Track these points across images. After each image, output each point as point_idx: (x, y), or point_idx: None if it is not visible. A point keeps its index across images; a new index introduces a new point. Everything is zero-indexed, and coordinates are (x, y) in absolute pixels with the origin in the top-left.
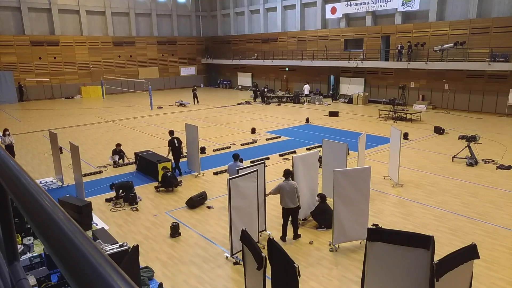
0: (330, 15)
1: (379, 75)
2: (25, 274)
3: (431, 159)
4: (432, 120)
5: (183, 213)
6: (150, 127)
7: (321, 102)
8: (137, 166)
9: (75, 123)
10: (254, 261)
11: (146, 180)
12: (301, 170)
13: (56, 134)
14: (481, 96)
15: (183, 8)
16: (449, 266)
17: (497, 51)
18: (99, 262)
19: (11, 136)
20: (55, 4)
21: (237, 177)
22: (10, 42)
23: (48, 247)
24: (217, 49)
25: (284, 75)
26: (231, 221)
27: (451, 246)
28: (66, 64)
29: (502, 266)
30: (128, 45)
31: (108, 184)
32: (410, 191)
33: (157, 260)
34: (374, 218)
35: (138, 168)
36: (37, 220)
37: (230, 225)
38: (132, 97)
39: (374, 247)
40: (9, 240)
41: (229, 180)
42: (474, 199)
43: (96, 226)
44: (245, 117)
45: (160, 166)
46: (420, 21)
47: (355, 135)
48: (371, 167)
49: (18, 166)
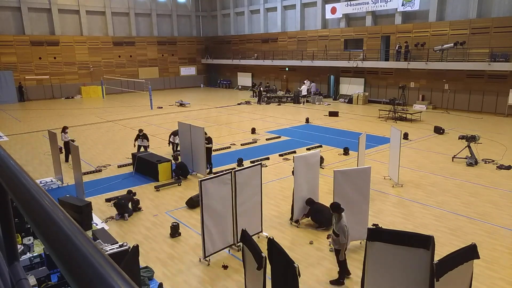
0: (330, 15)
1: (379, 75)
2: (25, 274)
3: (431, 159)
4: (432, 120)
5: (183, 213)
6: (150, 127)
7: (321, 102)
8: (135, 167)
9: (75, 123)
10: (254, 261)
11: (145, 181)
12: (302, 170)
13: (55, 134)
14: (481, 96)
15: (183, 8)
16: (449, 266)
17: (497, 51)
18: (99, 262)
19: (67, 134)
20: (55, 4)
21: (209, 179)
22: (10, 42)
23: (48, 247)
24: (217, 49)
25: (284, 75)
26: (203, 223)
27: (451, 246)
28: (66, 64)
29: (502, 266)
30: (128, 45)
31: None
32: (410, 191)
33: (157, 260)
34: (374, 218)
35: (136, 169)
36: (37, 220)
37: (202, 227)
38: (132, 97)
39: (374, 247)
40: (9, 240)
41: (201, 182)
42: (474, 199)
43: (96, 226)
44: (245, 117)
45: (161, 166)
46: (420, 21)
47: (355, 135)
48: (371, 167)
49: (18, 166)
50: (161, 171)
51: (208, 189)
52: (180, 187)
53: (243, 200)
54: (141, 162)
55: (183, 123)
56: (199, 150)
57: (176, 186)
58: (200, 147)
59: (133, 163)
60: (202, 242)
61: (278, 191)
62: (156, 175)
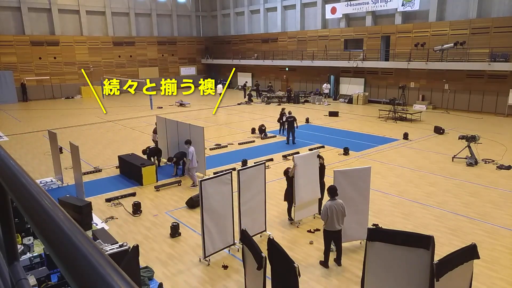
0: (330, 15)
1: (379, 75)
2: (25, 274)
3: (431, 159)
4: (432, 120)
5: (183, 213)
6: (151, 127)
7: (321, 102)
8: (120, 169)
9: (75, 123)
10: (254, 261)
11: (128, 185)
12: (302, 170)
13: (55, 133)
14: (481, 96)
15: (183, 8)
16: (449, 266)
17: (497, 51)
18: (99, 262)
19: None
20: (55, 4)
21: (209, 179)
22: (10, 42)
23: (48, 247)
24: (217, 49)
25: (284, 75)
26: (203, 223)
27: (451, 246)
28: (66, 64)
29: (502, 266)
30: (128, 45)
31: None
32: (410, 191)
33: (157, 260)
34: (374, 218)
35: (121, 171)
36: (37, 220)
37: (202, 227)
38: (132, 97)
39: (374, 247)
40: (9, 240)
41: (201, 182)
42: (474, 199)
43: (96, 226)
44: (245, 117)
45: (144, 169)
46: (420, 21)
47: (355, 135)
48: (371, 167)
49: (18, 166)
50: (145, 175)
51: (207, 189)
52: (180, 187)
53: (247, 199)
54: (126, 164)
55: (160, 117)
56: (199, 150)
57: (176, 186)
58: (200, 146)
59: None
60: (202, 242)
61: (279, 191)
62: (140, 178)
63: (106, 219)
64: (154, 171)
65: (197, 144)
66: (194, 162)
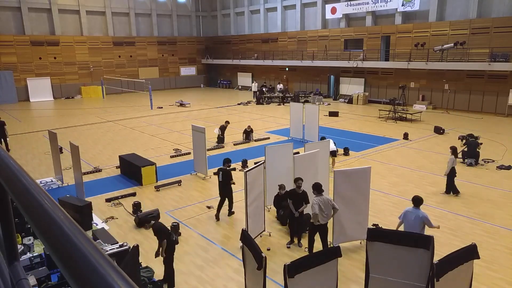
0: (330, 15)
1: (379, 75)
2: (25, 274)
3: (431, 159)
4: (432, 120)
5: (183, 213)
6: (151, 127)
7: (321, 102)
8: (121, 169)
9: (75, 123)
10: (254, 261)
11: (128, 184)
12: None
13: (55, 133)
14: (481, 96)
15: (183, 8)
16: (449, 266)
17: (497, 51)
18: (99, 262)
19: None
20: (55, 4)
21: (252, 169)
22: (10, 42)
23: (48, 247)
24: (217, 49)
25: (284, 75)
26: (247, 215)
27: (451, 246)
28: (66, 64)
29: (502, 266)
30: (128, 45)
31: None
32: (411, 191)
33: (157, 260)
34: (374, 218)
35: (122, 172)
36: (37, 220)
37: (247, 219)
38: (132, 97)
39: (374, 247)
40: (9, 240)
41: (246, 173)
42: (474, 199)
43: (96, 226)
44: (245, 117)
45: (144, 170)
46: (420, 21)
47: (355, 135)
48: (371, 167)
49: (18, 166)
50: (145, 175)
51: (252, 181)
52: (180, 187)
53: (252, 200)
54: (126, 164)
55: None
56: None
57: (176, 186)
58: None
59: (120, 165)
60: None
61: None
62: (140, 178)
63: (106, 219)
64: (154, 171)
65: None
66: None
